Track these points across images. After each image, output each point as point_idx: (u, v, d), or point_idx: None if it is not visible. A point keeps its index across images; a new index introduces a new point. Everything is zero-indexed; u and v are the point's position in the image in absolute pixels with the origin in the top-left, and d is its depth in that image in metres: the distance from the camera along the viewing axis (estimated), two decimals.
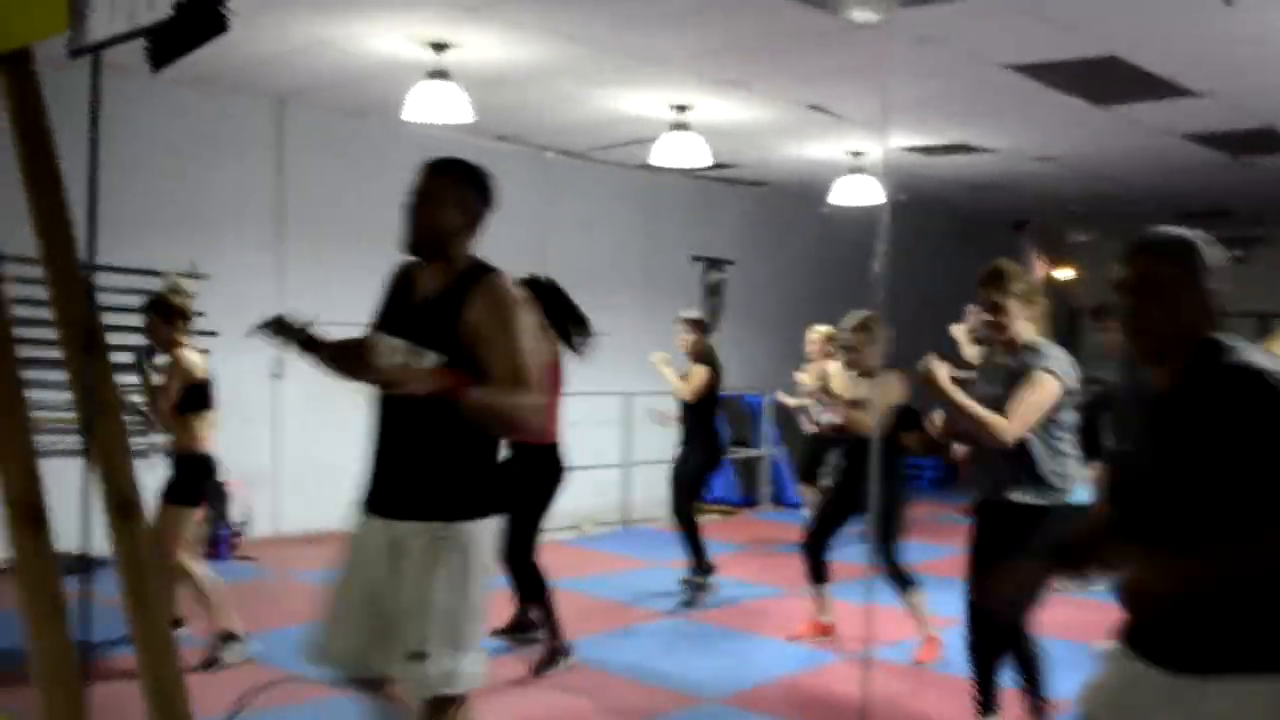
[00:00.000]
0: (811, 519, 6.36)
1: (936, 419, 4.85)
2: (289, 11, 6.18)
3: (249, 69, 7.44)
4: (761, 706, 5.09)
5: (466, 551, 3.05)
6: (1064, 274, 15.40)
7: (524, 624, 5.83)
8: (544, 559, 5.58)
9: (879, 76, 6.90)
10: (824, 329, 8.66)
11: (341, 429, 8.61)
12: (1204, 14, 5.78)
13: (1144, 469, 2.33)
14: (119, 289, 7.28)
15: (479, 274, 3.11)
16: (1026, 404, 3.99)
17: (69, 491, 2.47)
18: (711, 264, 11.78)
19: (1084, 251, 15.20)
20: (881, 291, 4.72)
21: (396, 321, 3.12)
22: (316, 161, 8.67)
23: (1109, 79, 6.98)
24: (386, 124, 8.16)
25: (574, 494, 5.91)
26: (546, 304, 5.37)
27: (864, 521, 5.74)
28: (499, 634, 5.70)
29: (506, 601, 5.65)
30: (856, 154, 9.49)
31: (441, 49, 6.64)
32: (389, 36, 6.54)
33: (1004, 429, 3.98)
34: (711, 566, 7.16)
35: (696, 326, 7.28)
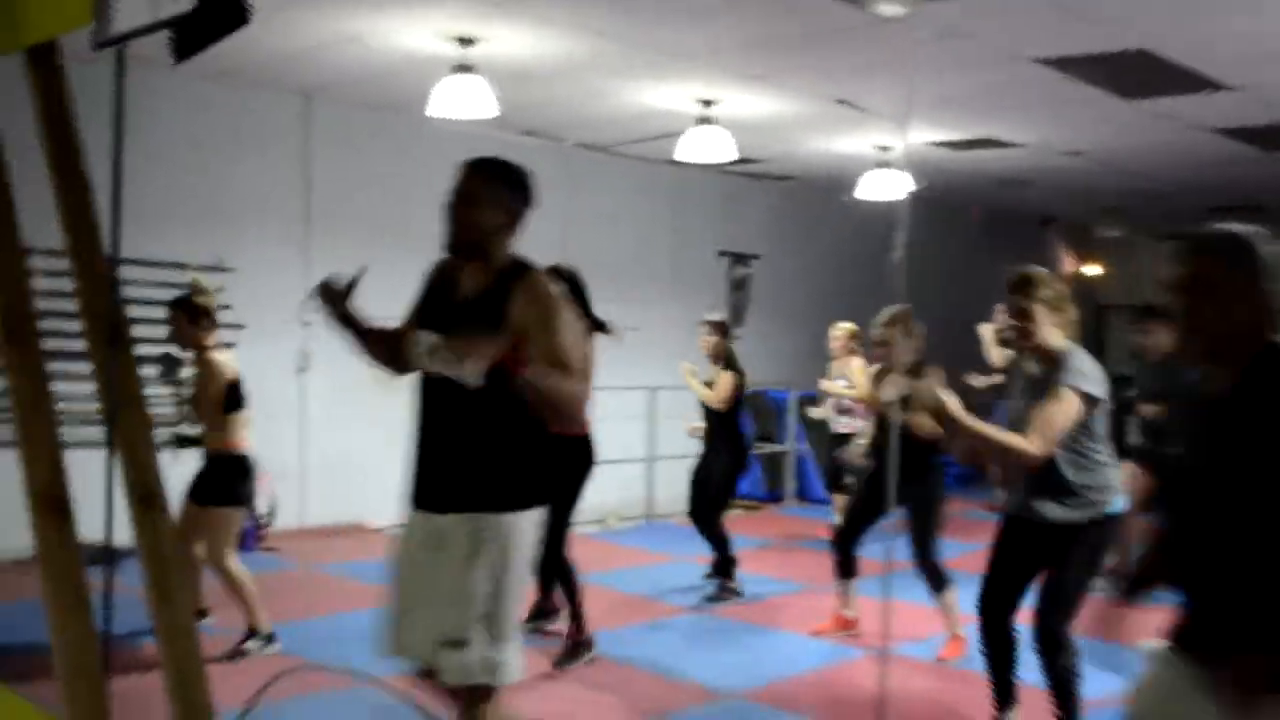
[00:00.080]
0: (844, 513, 6.30)
1: (924, 425, 4.78)
2: (315, 7, 6.20)
3: (276, 64, 7.47)
4: (782, 702, 5.08)
5: (507, 542, 3.09)
6: (1091, 270, 15.30)
7: (544, 610, 5.86)
8: (570, 552, 5.58)
9: (905, 70, 6.87)
10: (847, 326, 8.60)
11: (366, 423, 8.72)
12: (1235, 7, 5.72)
13: (1199, 474, 2.25)
14: (145, 282, 7.34)
15: (520, 272, 3.15)
16: (1048, 421, 3.88)
17: (93, 483, 2.49)
18: (737, 259, 11.75)
19: (1112, 247, 15.08)
20: (900, 285, 4.68)
21: (439, 319, 3.14)
22: (342, 156, 8.69)
23: (1139, 72, 6.90)
24: (412, 119, 8.17)
25: (598, 488, 5.91)
26: (570, 293, 5.37)
27: (899, 516, 5.69)
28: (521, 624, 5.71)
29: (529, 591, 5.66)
30: (883, 148, 9.44)
31: (468, 44, 6.65)
32: (415, 31, 6.55)
33: (1029, 449, 3.88)
34: (734, 560, 7.13)
35: (719, 329, 7.16)
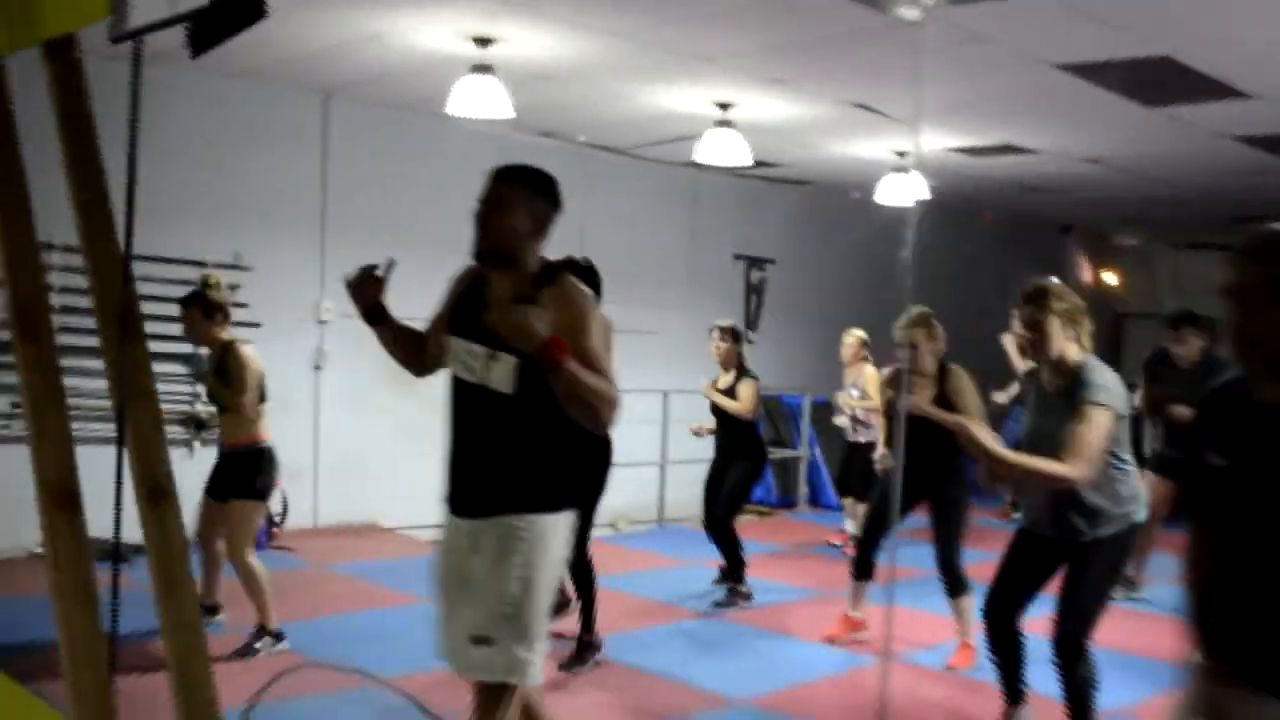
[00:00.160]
0: (866, 516, 6.24)
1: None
2: (335, 6, 6.20)
3: (295, 62, 7.48)
4: (791, 708, 5.06)
5: (538, 544, 3.11)
6: (1110, 279, 15.23)
7: (558, 604, 5.85)
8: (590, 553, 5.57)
9: (927, 73, 6.84)
10: (858, 333, 8.56)
11: (380, 422, 8.72)
12: (1258, 14, 5.67)
13: (1248, 486, 2.19)
14: (162, 279, 7.36)
15: (550, 276, 3.18)
16: (1084, 443, 3.86)
17: (105, 479, 2.48)
18: (754, 263, 11.72)
19: (1130, 256, 15.00)
20: (908, 285, 4.66)
21: (472, 325, 3.16)
22: (359, 155, 8.70)
23: (1160, 79, 6.85)
24: (430, 119, 8.16)
25: (611, 491, 5.89)
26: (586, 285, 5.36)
27: (925, 523, 5.70)
28: None
29: None
30: (901, 153, 9.41)
31: (486, 44, 6.64)
32: (434, 31, 6.55)
33: (1071, 473, 3.87)
34: (744, 564, 7.09)
35: (732, 335, 7.09)
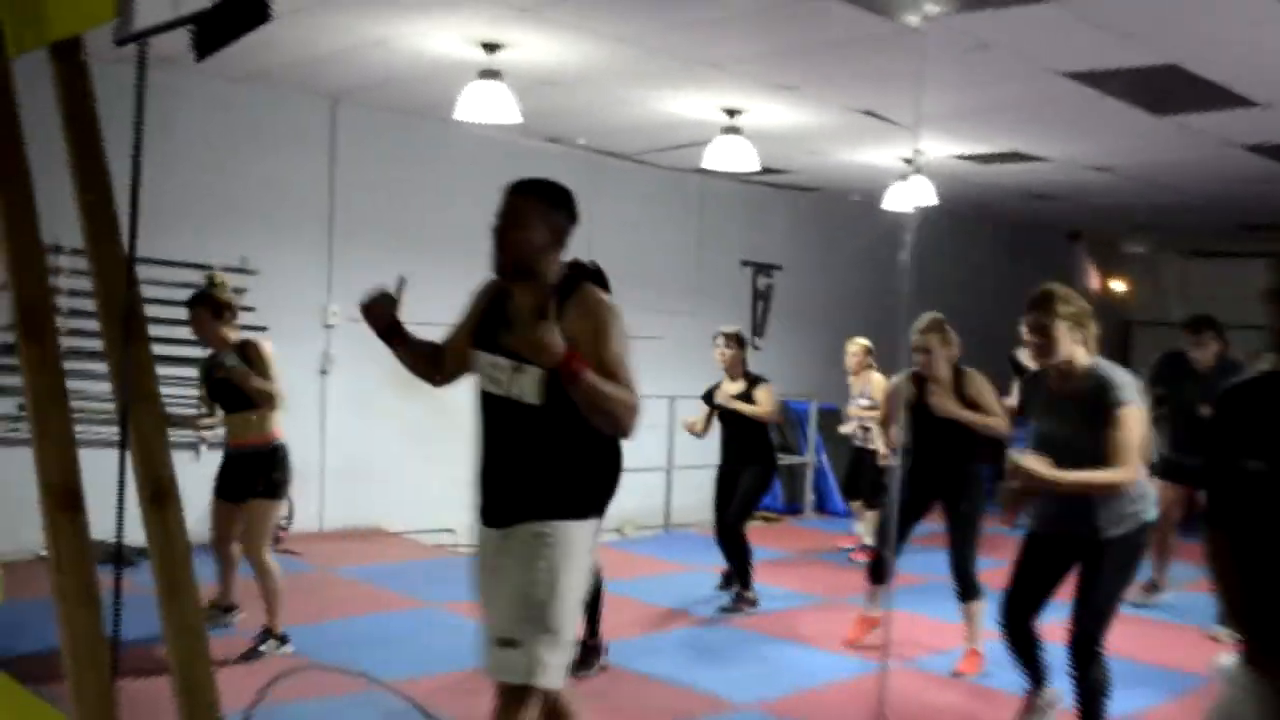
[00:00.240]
0: (882, 522, 6.22)
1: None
2: (342, 10, 6.21)
3: (302, 67, 7.50)
4: (796, 713, 5.05)
5: (565, 549, 3.13)
6: (1117, 286, 15.20)
7: None
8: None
9: (935, 81, 6.83)
10: (862, 342, 8.55)
11: (386, 427, 8.73)
12: (1267, 23, 5.66)
13: None
14: (169, 282, 7.38)
15: (571, 287, 3.21)
16: (1126, 447, 3.93)
17: (109, 482, 2.48)
18: (760, 269, 11.72)
19: (1138, 263, 14.98)
20: (907, 291, 4.66)
21: (496, 339, 3.20)
22: (367, 160, 8.71)
23: (1169, 88, 6.84)
24: (437, 124, 8.18)
25: (617, 496, 5.87)
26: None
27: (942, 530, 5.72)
28: None
29: None
30: (909, 159, 9.40)
31: (494, 49, 6.65)
32: (441, 36, 6.56)
33: (1122, 478, 3.95)
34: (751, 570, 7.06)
35: (737, 342, 7.03)
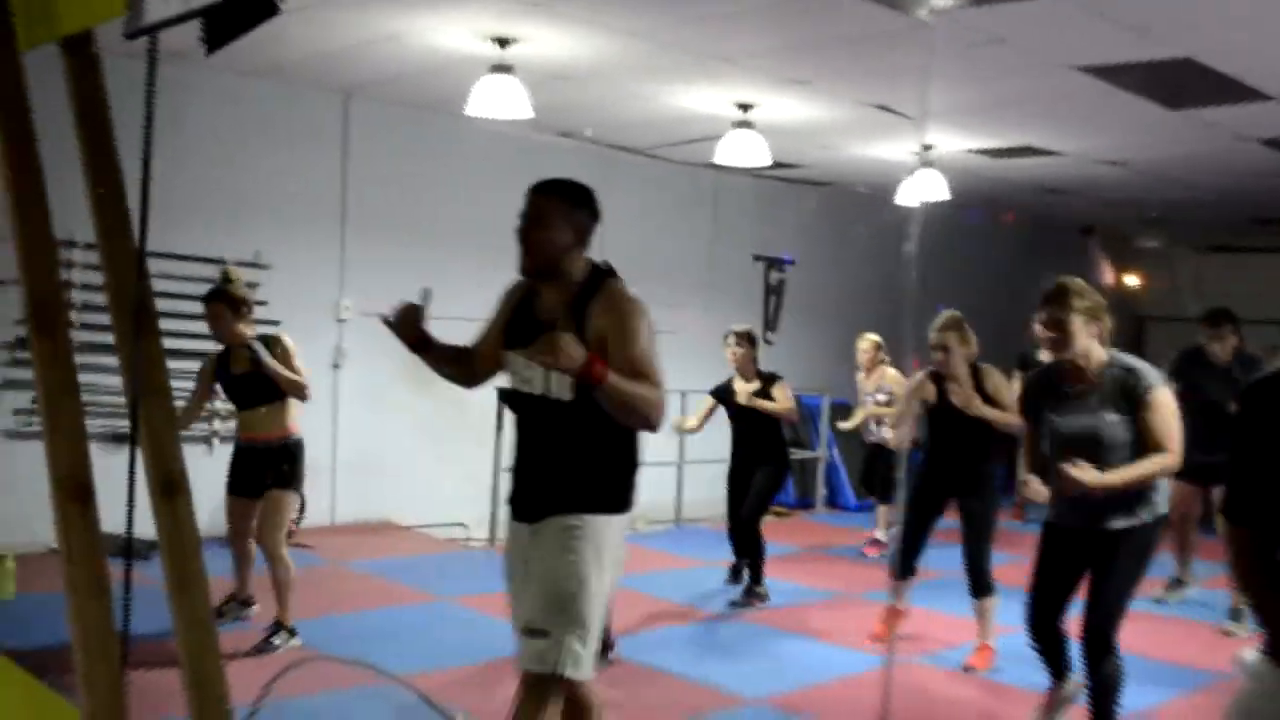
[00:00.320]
0: (904, 520, 6.20)
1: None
2: (355, 5, 6.22)
3: (315, 62, 7.50)
4: (806, 708, 5.05)
5: (594, 541, 3.17)
6: (1130, 281, 15.15)
7: None
8: None
9: (948, 75, 6.81)
10: (872, 338, 8.53)
11: (398, 421, 8.74)
12: None
13: None
14: (182, 276, 7.40)
15: (597, 284, 3.26)
16: (1171, 429, 4.02)
17: (121, 476, 2.48)
18: (773, 263, 11.70)
19: (1151, 258, 14.92)
20: (914, 278, 4.67)
21: (524, 338, 3.23)
22: (379, 154, 8.71)
23: (1183, 82, 6.81)
24: (449, 119, 8.17)
25: None
26: None
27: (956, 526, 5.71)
28: None
29: None
30: (919, 153, 9.36)
31: (505, 44, 6.65)
32: (453, 31, 6.56)
33: (1171, 462, 4.02)
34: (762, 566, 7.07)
35: (748, 340, 6.98)
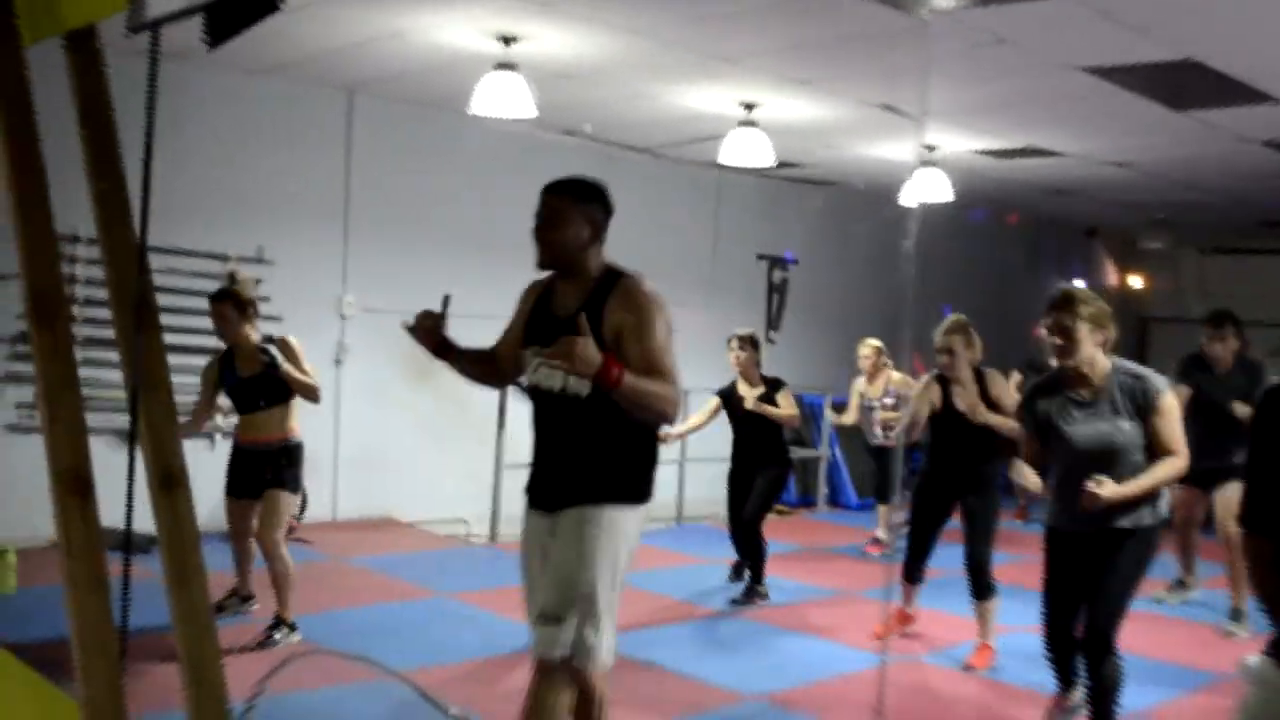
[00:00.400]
0: (910, 526, 6.21)
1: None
2: (359, 3, 6.22)
3: (319, 59, 7.51)
4: (805, 705, 5.06)
5: (610, 532, 3.23)
6: (1135, 282, 15.14)
7: None
8: None
9: (951, 75, 6.81)
10: (874, 342, 8.52)
11: (399, 417, 8.75)
12: None
13: None
14: (186, 272, 7.41)
15: (614, 280, 3.33)
16: (1179, 434, 4.09)
17: (121, 471, 2.49)
18: (776, 263, 11.69)
19: (1156, 260, 14.91)
20: (912, 277, 4.68)
21: (543, 336, 3.30)
22: (383, 151, 8.72)
23: (1188, 83, 6.81)
24: (453, 116, 8.18)
25: None
26: None
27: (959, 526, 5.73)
28: None
29: None
30: (928, 149, 9.35)
31: (510, 42, 6.65)
32: (458, 28, 6.56)
33: (1182, 467, 4.09)
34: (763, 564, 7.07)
35: (751, 344, 6.97)
